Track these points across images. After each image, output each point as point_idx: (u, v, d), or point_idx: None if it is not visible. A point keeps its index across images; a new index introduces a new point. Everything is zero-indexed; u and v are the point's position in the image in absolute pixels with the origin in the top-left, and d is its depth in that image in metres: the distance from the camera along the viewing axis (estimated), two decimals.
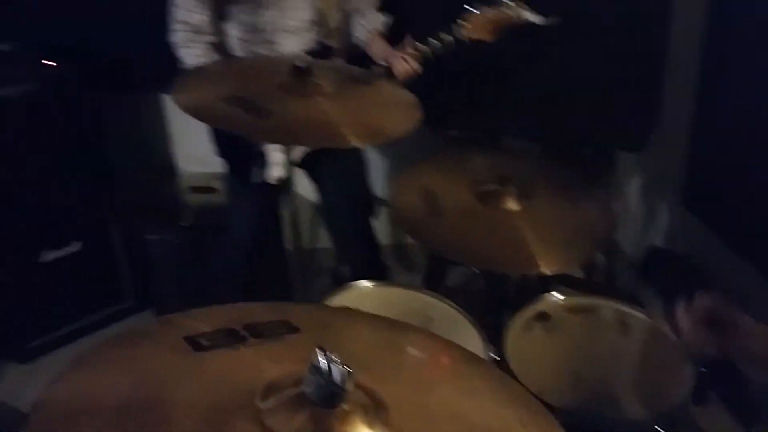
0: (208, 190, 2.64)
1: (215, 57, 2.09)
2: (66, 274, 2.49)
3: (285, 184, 2.20)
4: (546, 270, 1.48)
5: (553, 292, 1.67)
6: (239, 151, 2.16)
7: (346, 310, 1.34)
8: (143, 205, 2.61)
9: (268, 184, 2.15)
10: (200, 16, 2.06)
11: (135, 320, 2.66)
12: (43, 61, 2.29)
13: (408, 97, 1.65)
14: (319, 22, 2.12)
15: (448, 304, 1.66)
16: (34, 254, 2.43)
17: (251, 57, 2.08)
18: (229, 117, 1.45)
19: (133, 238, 2.57)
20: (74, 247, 2.50)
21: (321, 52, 2.13)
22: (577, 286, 1.90)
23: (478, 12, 1.92)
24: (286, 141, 1.67)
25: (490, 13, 1.92)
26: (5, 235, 2.36)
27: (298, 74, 1.54)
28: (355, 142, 1.46)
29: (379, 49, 2.14)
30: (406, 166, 1.87)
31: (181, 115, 1.44)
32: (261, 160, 2.15)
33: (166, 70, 2.00)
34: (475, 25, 1.94)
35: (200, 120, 1.50)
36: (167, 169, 2.87)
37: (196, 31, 2.08)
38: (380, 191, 2.53)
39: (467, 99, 2.31)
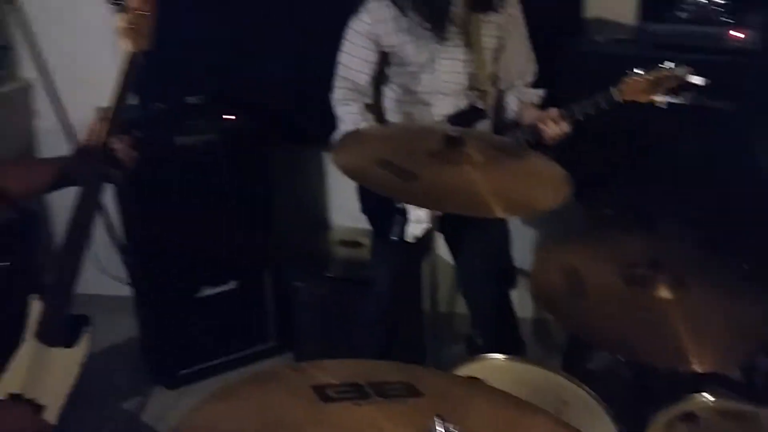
0: (356, 245, 2.74)
1: (369, 117, 2.20)
2: (219, 310, 2.67)
3: (425, 245, 2.24)
4: (698, 367, 1.36)
5: (705, 393, 1.53)
6: (382, 209, 2.23)
7: (474, 382, 1.31)
8: (295, 253, 2.75)
9: (408, 242, 2.20)
10: (362, 76, 2.18)
11: (275, 361, 2.78)
12: (223, 115, 2.52)
13: (559, 171, 1.63)
14: (473, 86, 2.16)
15: (586, 391, 1.58)
16: (194, 289, 2.63)
17: (406, 122, 2.16)
18: (380, 179, 1.51)
19: (283, 283, 2.71)
20: (230, 285, 2.68)
21: (471, 113, 2.16)
22: (734, 390, 1.73)
23: (638, 74, 1.90)
24: (432, 205, 1.69)
25: (651, 74, 1.90)
26: (171, 269, 2.58)
27: (450, 143, 1.58)
28: (500, 213, 1.46)
29: (529, 114, 2.14)
30: (551, 240, 1.83)
31: (336, 170, 1.52)
32: (402, 219, 2.21)
33: (328, 128, 2.16)
34: (631, 87, 1.92)
35: (354, 180, 1.57)
36: (321, 221, 3.02)
37: (356, 90, 2.20)
38: (522, 262, 2.49)
39: (621, 176, 2.23)
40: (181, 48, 2.47)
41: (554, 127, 2.01)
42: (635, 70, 1.93)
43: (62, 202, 2.24)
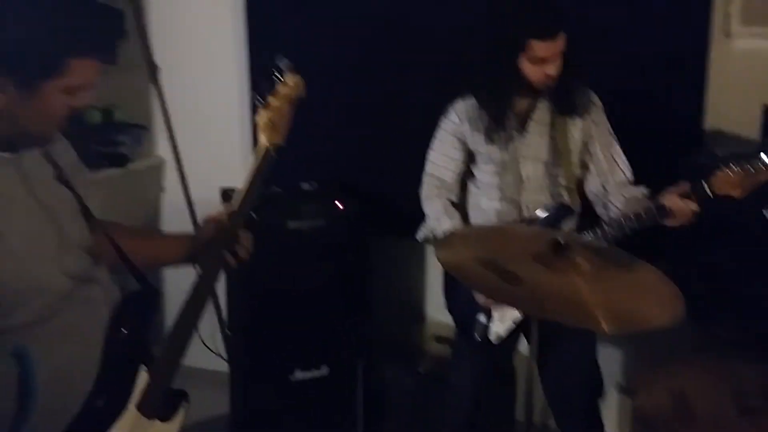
0: (450, 341, 2.70)
1: (455, 214, 2.24)
2: (310, 395, 2.68)
3: (510, 347, 2.19)
4: None
5: None
6: (467, 307, 2.22)
7: None
8: (389, 344, 2.75)
9: (492, 343, 2.15)
10: (448, 173, 2.26)
11: None
12: (335, 202, 2.63)
13: (670, 286, 1.56)
14: (558, 185, 2.17)
15: None
16: (288, 371, 2.67)
17: (508, 223, 2.17)
18: (483, 278, 1.51)
19: (374, 373, 2.70)
20: (322, 371, 2.70)
21: (560, 211, 2.15)
22: None
23: (731, 168, 1.86)
24: (533, 311, 1.66)
25: (745, 168, 1.85)
26: (268, 349, 2.64)
27: (556, 248, 1.56)
28: (607, 328, 1.40)
29: (638, 204, 2.07)
30: (656, 358, 1.74)
31: (436, 264, 1.54)
32: (486, 318, 2.17)
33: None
34: (724, 181, 1.88)
35: (456, 276, 1.58)
36: (417, 313, 3.02)
37: (442, 186, 2.27)
38: (618, 374, 2.36)
39: (738, 296, 2.11)
40: (300, 136, 2.63)
41: (683, 205, 1.95)
42: (730, 164, 1.87)
43: (174, 278, 2.40)
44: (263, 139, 1.56)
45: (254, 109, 1.59)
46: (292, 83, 1.59)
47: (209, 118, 3.07)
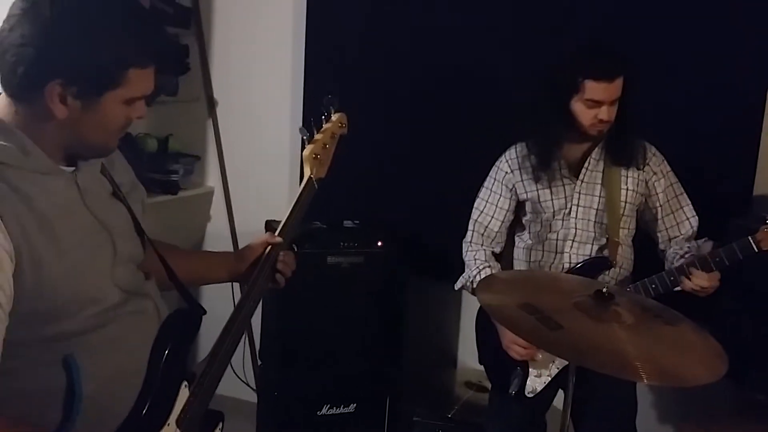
0: (481, 389, 2.67)
1: (496, 266, 2.23)
2: (336, 431, 2.66)
3: (545, 401, 2.14)
4: None
5: None
6: (500, 360, 2.19)
7: None
8: (419, 386, 2.72)
9: (527, 397, 2.12)
10: (495, 223, 2.24)
11: None
12: (377, 242, 2.66)
13: (714, 344, 1.54)
14: (604, 236, 2.15)
15: None
16: (316, 406, 2.66)
17: (553, 272, 2.16)
18: (524, 323, 1.51)
19: (402, 415, 2.67)
20: (350, 408, 2.68)
21: (598, 263, 2.14)
22: None
23: None
24: (572, 358, 1.64)
25: None
26: (298, 383, 2.65)
27: (600, 298, 1.56)
28: (648, 379, 1.38)
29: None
30: (696, 420, 1.70)
31: (471, 310, 1.54)
32: (522, 372, 2.14)
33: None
34: None
35: (495, 319, 1.58)
36: (449, 358, 3.00)
37: (487, 236, 2.26)
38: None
39: None
40: (347, 174, 2.68)
41: (687, 281, 1.95)
42: None
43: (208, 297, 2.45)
44: (307, 171, 1.64)
45: (302, 146, 1.66)
46: (337, 120, 1.69)
47: (260, 154, 3.15)
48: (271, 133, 3.11)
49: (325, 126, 1.68)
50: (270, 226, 2.84)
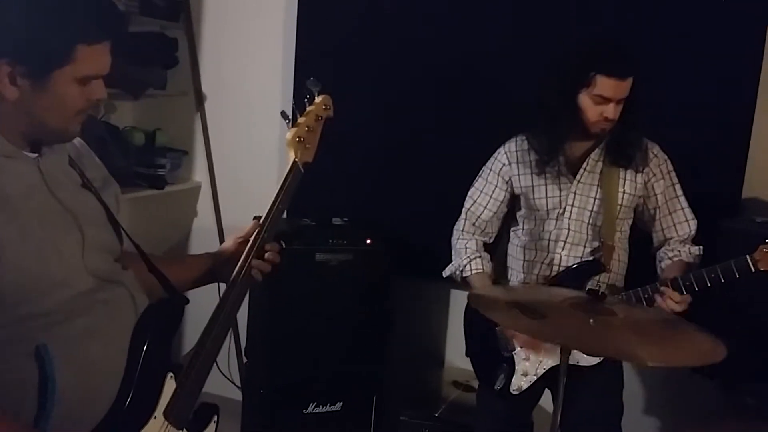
0: (469, 388, 2.66)
1: (486, 256, 2.22)
2: (322, 430, 2.64)
3: (530, 399, 2.12)
4: None
5: None
6: (487, 355, 2.19)
7: None
8: (406, 385, 2.71)
9: (512, 394, 2.11)
10: (487, 213, 2.23)
11: None
12: (367, 240, 2.64)
13: (709, 336, 1.49)
14: (598, 238, 2.14)
15: None
16: (302, 404, 2.63)
17: (544, 285, 2.14)
18: (506, 312, 1.51)
19: (389, 413, 2.66)
20: (336, 407, 2.66)
21: (590, 266, 2.12)
22: None
23: None
24: (567, 342, 1.59)
25: None
26: (284, 380, 2.62)
27: (593, 297, 1.55)
28: (646, 359, 1.37)
29: (671, 271, 2.05)
30: (685, 424, 1.69)
31: (459, 309, 1.53)
32: (508, 369, 2.14)
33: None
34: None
35: (483, 312, 1.56)
36: (436, 357, 2.99)
37: (478, 226, 2.25)
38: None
39: None
40: (336, 171, 2.67)
41: (660, 301, 1.95)
42: None
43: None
44: (291, 155, 1.57)
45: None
46: (321, 101, 1.62)
47: (249, 149, 3.13)
48: (260, 129, 3.09)
49: (308, 108, 1.61)
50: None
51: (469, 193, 2.28)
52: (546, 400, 2.23)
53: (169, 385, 1.29)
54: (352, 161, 2.81)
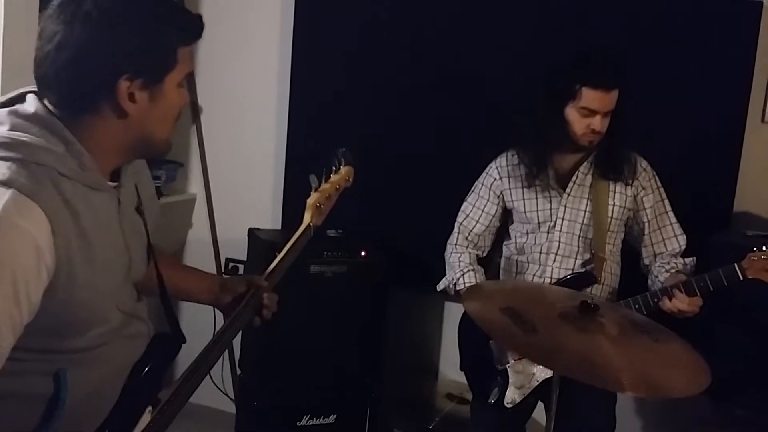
0: (463, 401, 2.66)
1: (479, 269, 2.23)
2: None
3: (524, 412, 2.13)
4: None
5: None
6: (481, 368, 2.19)
7: None
8: (399, 397, 2.71)
9: (506, 407, 2.11)
10: (479, 227, 2.25)
11: None
12: (361, 252, 2.65)
13: (698, 359, 1.52)
14: (589, 251, 2.15)
15: None
16: (296, 417, 2.63)
17: (542, 284, 2.15)
18: (500, 325, 1.51)
19: (382, 426, 2.65)
20: (330, 419, 2.66)
21: (582, 278, 2.13)
22: None
23: (765, 252, 1.86)
24: (554, 366, 1.62)
25: None
26: (278, 393, 2.61)
27: (585, 310, 1.56)
28: (627, 388, 1.38)
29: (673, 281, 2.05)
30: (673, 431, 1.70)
31: (453, 322, 1.54)
32: (502, 382, 2.14)
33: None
34: (757, 265, 1.87)
35: (481, 326, 1.56)
36: (430, 370, 2.98)
37: (471, 240, 2.26)
38: None
39: (757, 376, 2.07)
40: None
41: (668, 303, 1.95)
42: (763, 248, 1.87)
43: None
44: (307, 218, 1.65)
45: (287, 152, 1.62)
46: (345, 173, 1.73)
47: (244, 161, 3.14)
48: (256, 141, 3.10)
49: (333, 177, 1.71)
50: (253, 234, 2.82)
51: (462, 208, 2.30)
52: (539, 412, 2.24)
53: (144, 419, 1.28)
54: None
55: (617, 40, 2.50)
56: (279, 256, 1.57)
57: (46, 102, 1.17)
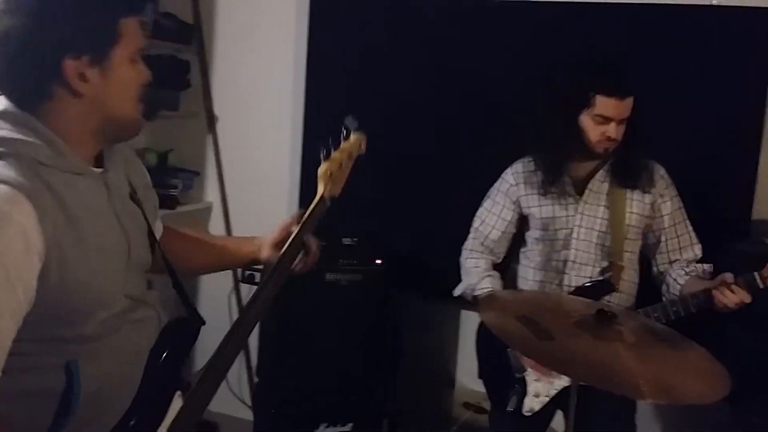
0: (480, 409, 2.65)
1: (496, 275, 2.22)
2: None
3: (543, 421, 2.11)
4: None
5: None
6: (499, 376, 2.18)
7: None
8: (416, 407, 2.70)
9: (524, 416, 2.10)
10: (495, 233, 2.24)
11: None
12: (376, 260, 2.65)
13: (718, 366, 1.51)
14: (607, 259, 2.13)
15: None
16: (312, 425, 2.63)
17: (560, 294, 2.14)
18: (516, 333, 1.51)
19: None
20: (347, 428, 2.66)
21: (601, 286, 2.11)
22: None
23: None
24: (572, 373, 1.61)
25: None
26: (294, 401, 2.62)
27: (602, 318, 1.55)
28: (647, 395, 1.37)
29: (697, 284, 2.03)
30: None
31: (470, 330, 1.53)
32: (520, 390, 2.13)
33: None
34: None
35: (498, 335, 1.56)
36: (447, 378, 2.98)
37: (487, 246, 2.25)
38: None
39: None
40: (345, 191, 2.67)
41: (730, 294, 1.92)
42: None
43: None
44: (320, 189, 1.61)
45: (303, 161, 1.63)
46: (356, 140, 1.69)
47: (260, 170, 3.16)
48: (271, 150, 3.12)
49: (342, 145, 1.68)
50: None
51: (478, 213, 2.29)
52: (558, 421, 2.22)
53: (176, 404, 1.30)
54: (362, 182, 2.81)
55: (622, 43, 2.49)
56: (294, 231, 1.54)
57: (4, 98, 1.18)
